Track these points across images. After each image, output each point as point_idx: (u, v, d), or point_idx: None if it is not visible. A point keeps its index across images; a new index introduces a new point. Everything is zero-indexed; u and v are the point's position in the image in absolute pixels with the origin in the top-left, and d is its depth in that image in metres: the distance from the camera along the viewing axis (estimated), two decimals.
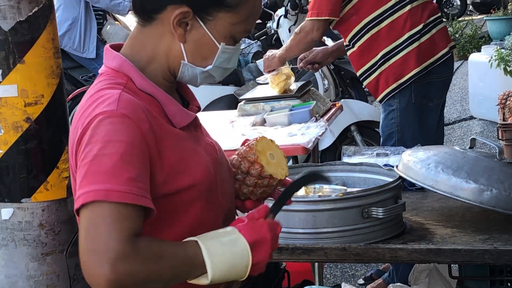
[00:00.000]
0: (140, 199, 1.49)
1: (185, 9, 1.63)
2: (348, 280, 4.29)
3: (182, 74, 1.70)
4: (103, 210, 1.45)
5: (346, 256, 2.20)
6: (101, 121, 1.53)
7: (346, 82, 5.96)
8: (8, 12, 1.99)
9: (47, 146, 2.04)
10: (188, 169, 1.64)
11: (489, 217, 2.35)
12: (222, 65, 1.71)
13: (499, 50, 6.26)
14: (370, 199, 2.20)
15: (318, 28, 3.60)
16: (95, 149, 1.50)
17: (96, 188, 1.46)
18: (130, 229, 1.45)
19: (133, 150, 1.52)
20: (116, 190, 1.46)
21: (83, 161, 1.51)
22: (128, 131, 1.52)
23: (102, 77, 1.67)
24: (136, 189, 1.48)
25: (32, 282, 2.03)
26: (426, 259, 2.18)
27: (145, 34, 1.69)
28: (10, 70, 2.00)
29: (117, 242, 1.42)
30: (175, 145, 1.63)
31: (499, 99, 3.39)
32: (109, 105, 1.55)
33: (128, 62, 1.66)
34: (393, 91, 3.55)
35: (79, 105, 1.65)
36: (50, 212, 2.04)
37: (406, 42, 3.52)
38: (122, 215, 1.45)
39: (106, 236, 1.42)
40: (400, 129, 3.56)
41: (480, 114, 7.44)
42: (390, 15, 3.53)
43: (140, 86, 1.65)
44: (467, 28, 10.50)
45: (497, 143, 2.65)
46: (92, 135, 1.52)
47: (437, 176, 2.26)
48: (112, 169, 1.48)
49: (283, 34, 6.42)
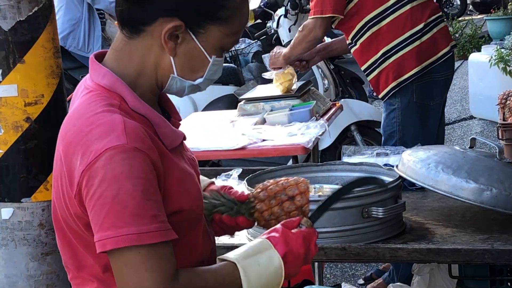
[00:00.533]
0: (168, 234, 1.49)
1: (177, 23, 1.57)
2: (348, 280, 4.28)
3: (170, 87, 1.66)
4: (140, 255, 1.45)
5: (346, 256, 2.20)
6: (113, 156, 1.47)
7: (346, 81, 5.96)
8: (8, 11, 1.99)
9: (47, 146, 2.03)
10: (187, 191, 1.62)
11: (489, 217, 2.35)
12: (211, 77, 1.67)
13: (499, 50, 6.26)
14: (370, 198, 2.20)
15: (320, 25, 3.61)
16: (114, 188, 1.46)
17: (127, 232, 1.45)
18: (169, 267, 1.47)
19: (151, 184, 1.50)
20: (147, 232, 1.46)
21: (100, 200, 1.47)
22: (142, 166, 1.49)
23: (94, 96, 1.59)
24: (162, 224, 1.48)
25: (32, 282, 2.03)
26: (426, 258, 2.18)
27: (132, 46, 1.62)
28: (10, 70, 2.00)
29: (162, 284, 1.44)
30: (173, 168, 1.60)
31: (499, 99, 3.39)
32: (118, 137, 1.49)
33: (120, 81, 1.60)
34: (393, 89, 3.56)
35: (70, 124, 1.57)
36: (50, 212, 2.03)
37: (407, 40, 3.53)
38: (159, 256, 1.46)
39: (151, 281, 1.44)
40: (402, 128, 3.56)
41: (480, 114, 7.44)
42: (391, 14, 3.54)
43: (133, 107, 1.59)
44: (467, 28, 10.50)
45: (497, 143, 2.65)
46: (105, 173, 1.47)
47: (437, 175, 2.26)
48: (136, 209, 1.46)
49: (283, 34, 6.41)
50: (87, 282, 1.63)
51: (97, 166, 1.47)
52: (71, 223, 1.59)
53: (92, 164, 1.48)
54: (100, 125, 1.51)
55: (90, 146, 1.49)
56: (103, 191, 1.46)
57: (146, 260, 1.45)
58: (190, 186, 1.64)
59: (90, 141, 1.50)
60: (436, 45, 3.59)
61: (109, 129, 1.50)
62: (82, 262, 1.62)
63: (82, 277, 1.64)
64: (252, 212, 1.78)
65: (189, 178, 1.65)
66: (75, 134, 1.53)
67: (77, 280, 1.67)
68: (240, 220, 1.80)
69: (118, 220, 1.45)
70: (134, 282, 1.45)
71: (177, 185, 1.59)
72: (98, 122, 1.52)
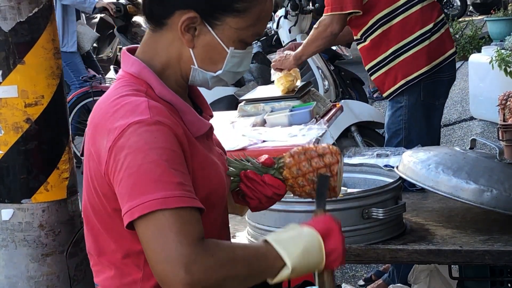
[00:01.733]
0: (194, 201, 1.51)
1: (192, 14, 1.62)
2: (349, 281, 4.28)
3: (193, 79, 1.70)
4: (165, 218, 1.46)
5: (346, 257, 2.19)
6: (136, 129, 1.52)
7: (346, 82, 5.97)
8: (8, 12, 1.99)
9: (47, 147, 2.04)
10: (208, 179, 1.65)
11: (489, 218, 2.35)
12: (233, 69, 1.69)
13: (500, 50, 6.26)
14: (370, 199, 2.20)
15: (338, 21, 3.58)
16: (139, 158, 1.49)
17: (152, 197, 1.47)
18: (196, 232, 1.48)
19: (175, 155, 1.52)
20: (172, 196, 1.47)
21: (126, 171, 1.50)
22: (166, 137, 1.53)
23: (121, 82, 1.66)
24: (187, 192, 1.50)
25: (32, 283, 2.03)
26: (426, 259, 2.18)
27: (156, 39, 1.68)
28: (10, 71, 2.00)
29: (187, 246, 1.44)
30: (197, 154, 1.63)
31: (500, 100, 3.39)
32: (142, 113, 1.54)
33: (147, 69, 1.66)
34: (401, 88, 3.56)
35: (97, 108, 1.64)
36: (50, 213, 2.04)
37: (417, 40, 3.54)
38: (185, 220, 1.47)
39: (176, 243, 1.44)
40: (408, 126, 3.56)
41: (480, 115, 7.44)
42: (402, 12, 3.55)
43: (160, 93, 1.64)
44: (467, 29, 10.49)
45: (498, 143, 2.65)
46: (131, 145, 1.51)
47: (437, 176, 2.26)
48: (161, 176, 1.48)
49: (283, 35, 6.42)
50: (105, 269, 1.67)
51: (122, 140, 1.52)
52: (98, 206, 1.62)
53: (117, 139, 1.52)
54: (124, 105, 1.57)
55: (115, 124, 1.54)
56: (128, 162, 1.50)
57: (172, 222, 1.46)
58: (212, 174, 1.66)
59: (116, 120, 1.55)
60: (444, 45, 3.62)
61: (133, 107, 1.55)
62: (103, 248, 1.66)
63: (101, 263, 1.68)
64: (280, 170, 1.78)
65: (212, 166, 1.68)
66: (101, 116, 1.60)
67: (97, 267, 1.71)
68: (266, 178, 1.80)
69: (144, 189, 1.48)
70: (160, 244, 1.45)
71: (199, 170, 1.62)
72: (122, 103, 1.58)
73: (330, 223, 1.62)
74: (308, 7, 6.54)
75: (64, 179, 2.06)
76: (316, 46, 3.75)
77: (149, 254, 1.47)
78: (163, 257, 1.44)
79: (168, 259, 1.43)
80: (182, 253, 1.43)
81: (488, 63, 6.24)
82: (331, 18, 3.59)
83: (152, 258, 1.46)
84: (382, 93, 3.72)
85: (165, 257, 1.44)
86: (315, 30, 3.69)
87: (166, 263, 1.43)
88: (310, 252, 1.57)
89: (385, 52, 3.58)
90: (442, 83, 3.62)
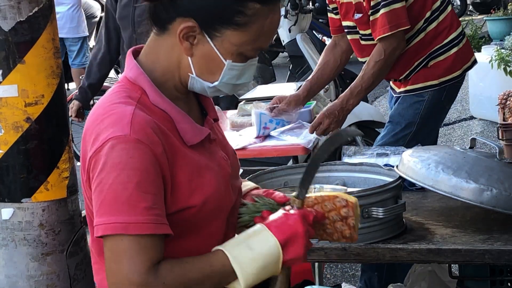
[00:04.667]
0: (158, 227, 1.51)
1: (191, 24, 1.60)
2: (348, 280, 4.29)
3: (192, 86, 1.69)
4: (123, 244, 1.50)
5: (346, 256, 2.20)
6: (114, 146, 1.53)
7: (346, 82, 5.97)
8: (8, 12, 1.98)
9: (47, 146, 2.03)
10: (200, 187, 1.64)
11: (489, 217, 2.35)
12: (231, 81, 1.67)
13: (499, 50, 6.26)
14: (370, 199, 2.20)
15: (402, 38, 3.37)
16: (111, 176, 1.51)
17: (115, 220, 1.50)
18: (151, 260, 1.50)
19: (148, 176, 1.53)
20: (134, 222, 1.49)
21: (98, 186, 1.53)
22: (142, 158, 1.53)
23: (118, 87, 1.68)
24: (154, 217, 1.51)
25: (32, 282, 2.03)
26: (426, 259, 2.18)
27: (159, 43, 1.68)
28: (10, 70, 2.00)
29: (138, 274, 1.48)
30: (186, 164, 1.62)
31: (499, 99, 3.38)
32: (122, 128, 1.54)
33: (144, 75, 1.65)
34: (432, 87, 3.46)
35: (92, 112, 1.66)
36: (50, 212, 2.03)
37: (453, 42, 3.47)
38: (142, 247, 1.50)
39: (128, 270, 1.48)
40: (422, 122, 3.46)
41: (480, 114, 7.44)
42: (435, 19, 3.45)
43: (154, 101, 1.64)
44: (467, 28, 10.50)
45: (497, 143, 2.65)
46: (106, 161, 1.53)
47: (437, 176, 2.26)
48: (128, 199, 1.50)
49: (283, 35, 6.42)
50: (103, 268, 1.67)
51: (101, 153, 1.54)
52: (91, 207, 1.64)
53: (98, 151, 1.55)
54: (111, 115, 1.58)
55: (99, 134, 1.56)
56: (102, 178, 1.53)
57: (127, 249, 1.49)
58: (206, 182, 1.65)
59: (100, 129, 1.57)
60: (470, 50, 3.58)
61: (117, 119, 1.56)
62: (102, 247, 1.65)
63: (101, 261, 1.69)
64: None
65: (205, 174, 1.66)
66: (92, 121, 1.62)
67: (97, 265, 1.75)
68: None
69: (110, 208, 1.51)
70: (114, 269, 1.50)
71: (188, 181, 1.61)
72: (111, 112, 1.59)
73: (297, 225, 1.59)
74: (308, 7, 6.55)
75: (64, 179, 2.06)
76: (383, 76, 3.47)
77: (107, 275, 1.53)
78: (116, 282, 1.50)
79: (120, 284, 1.49)
80: (132, 281, 1.48)
81: (488, 63, 6.24)
82: (395, 37, 3.33)
83: (108, 278, 1.52)
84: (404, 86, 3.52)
85: (117, 282, 1.50)
86: (380, 60, 3.35)
87: (119, 286, 1.49)
88: (267, 268, 1.58)
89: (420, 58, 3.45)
90: (458, 88, 3.58)
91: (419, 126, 3.48)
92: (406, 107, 3.53)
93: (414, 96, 3.51)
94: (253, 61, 1.69)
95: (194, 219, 1.63)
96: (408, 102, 3.52)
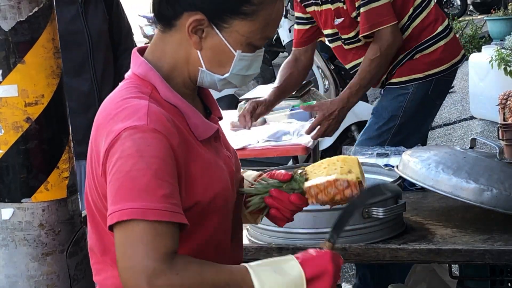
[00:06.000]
0: (175, 215, 1.50)
1: (199, 17, 1.61)
2: (348, 280, 4.29)
3: (202, 80, 1.69)
4: (140, 229, 1.47)
5: (347, 256, 2.20)
6: (132, 134, 1.52)
7: (346, 82, 5.96)
8: (8, 12, 1.98)
9: (47, 146, 2.03)
10: (210, 183, 1.64)
11: (489, 217, 2.35)
12: (241, 72, 1.68)
13: (500, 50, 6.27)
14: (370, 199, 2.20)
15: (397, 32, 3.35)
16: (128, 164, 1.50)
17: (132, 206, 1.47)
18: (167, 247, 1.47)
19: (166, 166, 1.52)
20: (152, 208, 1.47)
21: (115, 175, 1.51)
22: (159, 147, 1.52)
23: (127, 83, 1.67)
24: (171, 205, 1.49)
25: (32, 282, 2.03)
26: (427, 259, 2.18)
27: (165, 40, 1.68)
28: (10, 70, 2.00)
29: (153, 260, 1.45)
30: (198, 158, 1.62)
31: (500, 99, 3.38)
32: (140, 118, 1.54)
33: (153, 71, 1.65)
34: (416, 80, 3.45)
35: (102, 109, 1.65)
36: (51, 212, 2.03)
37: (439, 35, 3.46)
38: (159, 233, 1.47)
39: (144, 255, 1.45)
40: (405, 115, 3.43)
41: (480, 114, 7.44)
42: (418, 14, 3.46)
43: (165, 96, 1.64)
44: (467, 28, 10.50)
45: (498, 143, 2.65)
46: (124, 149, 1.51)
47: (437, 176, 2.26)
48: (146, 186, 1.48)
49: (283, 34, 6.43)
50: (107, 267, 1.67)
51: (117, 144, 1.53)
52: (100, 206, 1.63)
53: (113, 143, 1.53)
54: (125, 109, 1.57)
55: (114, 127, 1.55)
56: (118, 167, 1.51)
57: (144, 234, 1.46)
58: (215, 178, 1.66)
59: (115, 122, 1.56)
60: (459, 44, 3.57)
61: (132, 112, 1.56)
62: (107, 246, 1.65)
63: (104, 261, 1.68)
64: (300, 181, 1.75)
65: (216, 170, 1.66)
66: (104, 117, 1.61)
67: (99, 266, 1.72)
68: (293, 197, 1.74)
69: (127, 195, 1.49)
70: (129, 253, 1.46)
71: (200, 176, 1.61)
72: (125, 105, 1.58)
73: (327, 265, 1.57)
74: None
75: (64, 179, 2.06)
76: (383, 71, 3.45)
77: (118, 260, 1.49)
78: (129, 266, 1.46)
79: (134, 269, 1.45)
80: (147, 265, 1.44)
81: (488, 63, 6.25)
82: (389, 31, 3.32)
83: (119, 265, 1.48)
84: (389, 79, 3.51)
85: (131, 266, 1.45)
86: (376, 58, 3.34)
87: (131, 272, 1.45)
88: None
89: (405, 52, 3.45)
90: (449, 84, 3.57)
91: (403, 120, 3.44)
92: (390, 99, 3.51)
93: (399, 89, 3.48)
94: (260, 52, 1.70)
95: (201, 215, 1.63)
96: (392, 95, 3.50)
